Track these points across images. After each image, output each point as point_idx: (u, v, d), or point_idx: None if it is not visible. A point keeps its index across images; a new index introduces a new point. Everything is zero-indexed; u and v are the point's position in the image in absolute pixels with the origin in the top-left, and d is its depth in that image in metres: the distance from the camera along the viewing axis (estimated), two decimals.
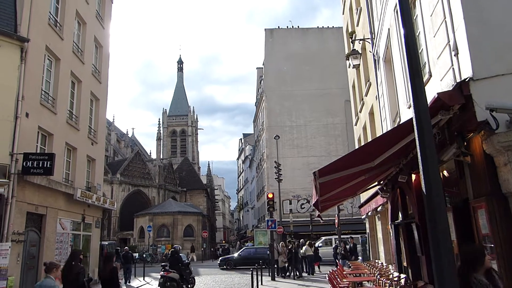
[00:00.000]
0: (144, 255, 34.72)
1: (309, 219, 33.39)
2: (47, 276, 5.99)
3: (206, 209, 60.46)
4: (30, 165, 12.86)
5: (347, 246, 21.11)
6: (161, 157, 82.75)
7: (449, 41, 5.58)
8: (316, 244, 26.08)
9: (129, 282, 20.36)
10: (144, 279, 21.69)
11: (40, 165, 12.94)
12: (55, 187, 15.24)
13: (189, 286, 15.93)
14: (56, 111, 15.97)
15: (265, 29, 46.12)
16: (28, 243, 13.97)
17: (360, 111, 17.88)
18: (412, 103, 3.49)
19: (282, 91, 42.75)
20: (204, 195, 64.78)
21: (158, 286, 14.88)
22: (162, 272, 14.93)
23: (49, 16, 15.79)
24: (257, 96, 55.00)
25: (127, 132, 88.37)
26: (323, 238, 30.28)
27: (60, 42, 16.52)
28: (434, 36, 6.23)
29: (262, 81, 47.04)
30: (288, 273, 20.90)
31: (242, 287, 17.56)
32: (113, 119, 72.43)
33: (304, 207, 39.38)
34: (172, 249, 16.76)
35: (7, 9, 13.60)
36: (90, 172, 20.00)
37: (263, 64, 47.39)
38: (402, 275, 9.89)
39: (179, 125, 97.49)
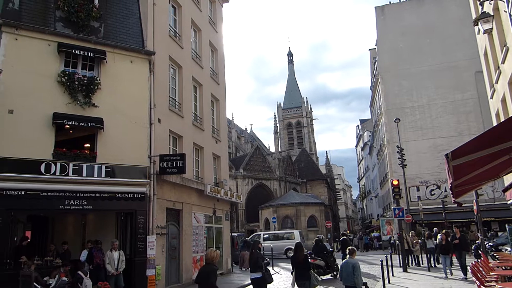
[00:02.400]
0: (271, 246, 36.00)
1: (441, 206, 30.68)
2: (350, 257, 8.70)
3: (327, 199, 60.13)
4: (165, 166, 14.29)
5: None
6: (279, 150, 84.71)
7: None
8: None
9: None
10: (273, 269, 22.49)
11: (174, 165, 14.26)
12: (188, 184, 16.67)
13: (334, 273, 16.82)
14: (183, 115, 17.43)
15: (375, 7, 43.52)
16: (170, 236, 15.55)
17: (497, 82, 15.68)
18: None
19: (399, 70, 39.95)
20: (324, 185, 64.45)
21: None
22: (309, 260, 16.20)
23: (169, 28, 17.26)
24: (372, 79, 52.48)
25: (245, 128, 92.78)
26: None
27: (180, 51, 17.95)
28: None
29: (376, 63, 44.63)
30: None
31: (372, 278, 16.97)
32: (232, 117, 76.54)
33: (434, 194, 36.33)
34: (316, 238, 18.00)
35: (134, 28, 15.28)
36: (216, 169, 21.41)
37: (376, 44, 44.90)
38: None
39: (294, 117, 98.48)
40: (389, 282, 14.11)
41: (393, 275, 16.11)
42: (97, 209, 13.12)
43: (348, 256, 8.80)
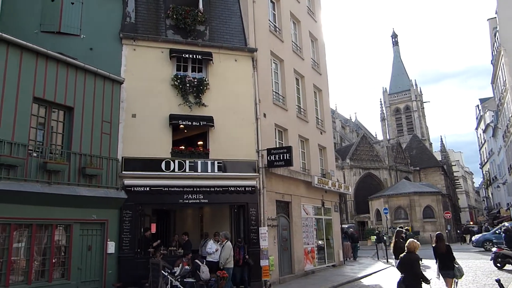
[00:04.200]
0: (384, 238, 34.54)
1: None
2: None
3: (444, 188, 55.46)
4: (273, 159, 14.55)
5: None
6: (388, 137, 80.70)
7: None
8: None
9: (355, 259, 23.83)
10: (387, 261, 21.52)
11: (281, 158, 14.45)
12: (295, 176, 16.74)
13: None
14: (287, 108, 17.53)
15: None
16: (281, 227, 15.81)
17: None
18: None
19: None
20: (441, 173, 59.52)
21: (490, 260, 16.74)
22: (495, 249, 16.80)
23: (269, 24, 17.44)
24: (492, 52, 46.59)
25: (350, 117, 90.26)
26: None
27: (281, 45, 18.04)
28: None
29: (497, 33, 39.49)
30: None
31: (504, 275, 15.10)
32: (336, 107, 75.15)
33: None
34: (505, 228, 18.38)
35: (236, 27, 15.78)
36: (322, 160, 21.14)
37: (496, 13, 39.72)
38: None
39: (402, 102, 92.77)
40: None
41: None
42: (212, 202, 13.91)
43: None
